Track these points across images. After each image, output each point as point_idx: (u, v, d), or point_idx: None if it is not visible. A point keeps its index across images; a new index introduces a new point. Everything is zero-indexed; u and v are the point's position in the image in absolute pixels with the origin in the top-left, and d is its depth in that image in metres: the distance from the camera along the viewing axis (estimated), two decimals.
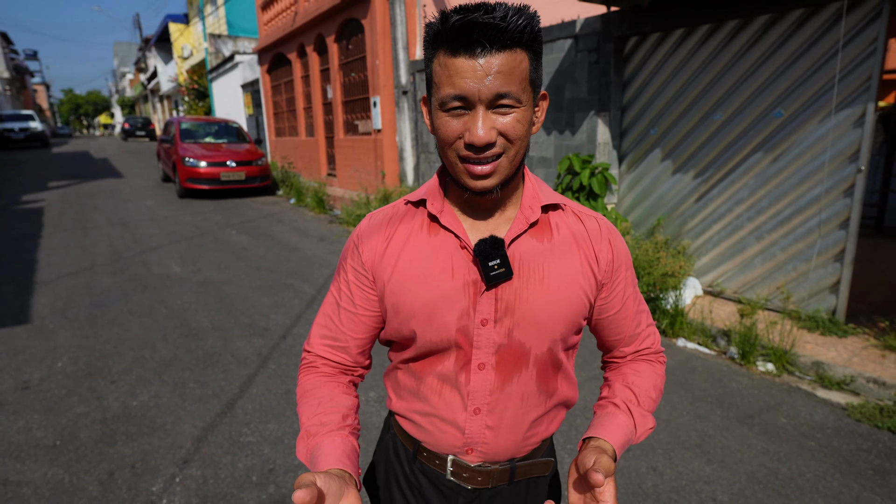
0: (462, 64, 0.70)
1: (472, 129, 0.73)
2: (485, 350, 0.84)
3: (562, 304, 0.84)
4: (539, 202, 0.86)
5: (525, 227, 0.84)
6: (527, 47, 0.73)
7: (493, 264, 0.80)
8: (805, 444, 2.58)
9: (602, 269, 0.87)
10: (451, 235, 0.84)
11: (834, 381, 3.13)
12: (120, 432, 2.66)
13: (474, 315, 0.82)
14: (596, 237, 0.88)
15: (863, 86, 3.44)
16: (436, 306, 0.83)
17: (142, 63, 37.84)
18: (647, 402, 0.91)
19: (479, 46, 0.70)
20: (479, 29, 0.69)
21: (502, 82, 0.71)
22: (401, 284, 0.85)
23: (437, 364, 0.87)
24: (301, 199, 9.80)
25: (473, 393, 0.85)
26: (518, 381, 0.86)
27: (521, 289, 0.82)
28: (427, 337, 0.85)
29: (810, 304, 3.90)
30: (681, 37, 4.41)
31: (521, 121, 0.75)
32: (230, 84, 17.17)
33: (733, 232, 4.32)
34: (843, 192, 3.64)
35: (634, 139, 4.97)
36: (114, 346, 3.67)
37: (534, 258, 0.84)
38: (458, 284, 0.83)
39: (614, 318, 0.92)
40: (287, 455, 2.48)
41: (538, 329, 0.84)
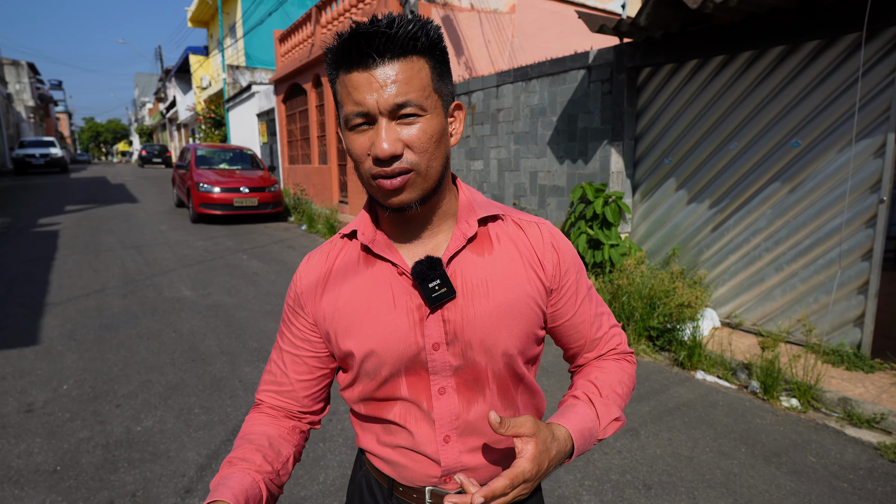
0: (357, 78, 0.70)
1: (377, 142, 0.70)
2: (441, 374, 0.81)
3: (511, 316, 0.80)
4: (475, 215, 0.83)
5: (463, 242, 0.81)
6: (425, 54, 0.72)
7: (434, 285, 0.76)
8: (837, 486, 2.44)
9: (549, 275, 0.84)
10: (388, 264, 0.81)
11: (863, 419, 2.99)
12: (122, 459, 2.58)
13: (423, 341, 0.79)
14: (538, 243, 0.85)
15: (882, 115, 3.41)
16: (383, 340, 0.80)
17: (161, 93, 38.92)
18: (611, 394, 0.86)
19: (369, 58, 0.69)
20: (367, 39, 0.68)
21: (399, 91, 0.69)
22: (344, 323, 0.82)
23: (397, 396, 0.83)
24: (312, 226, 9.85)
25: (440, 420, 0.82)
26: (483, 401, 0.82)
27: (466, 307, 0.79)
28: (381, 372, 0.81)
29: (833, 337, 3.77)
30: (694, 67, 4.43)
31: (428, 130, 0.72)
32: (246, 113, 17.54)
33: (751, 262, 4.24)
34: (865, 223, 3.56)
35: (648, 168, 4.95)
36: (120, 370, 3.62)
37: (476, 273, 0.80)
38: (402, 313, 0.79)
39: (570, 324, 0.88)
40: (293, 485, 2.39)
41: (491, 346, 0.80)
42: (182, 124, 31.74)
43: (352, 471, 1.02)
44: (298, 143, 13.73)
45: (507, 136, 6.60)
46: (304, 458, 2.61)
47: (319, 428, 0.94)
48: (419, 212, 0.79)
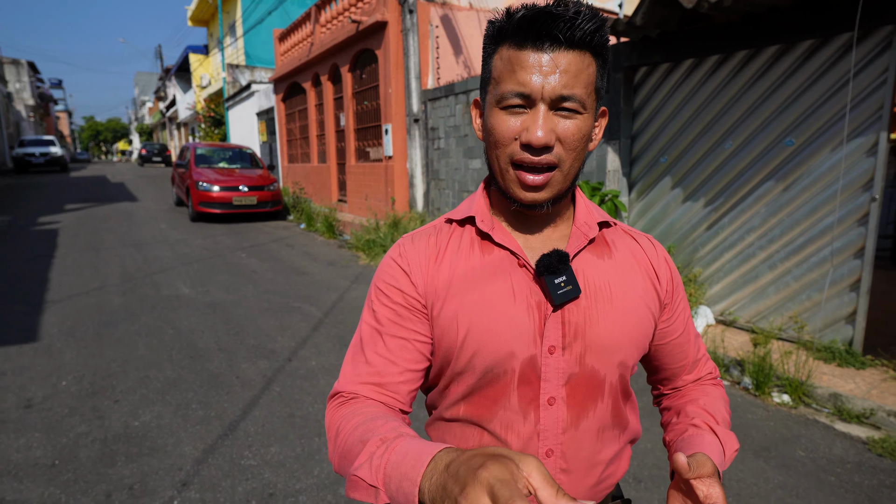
0: (528, 57, 0.66)
1: (531, 127, 0.67)
2: (554, 382, 0.75)
3: (632, 325, 0.77)
4: (594, 218, 0.81)
5: (585, 242, 0.77)
6: (595, 53, 0.69)
7: (560, 281, 0.72)
8: (825, 479, 2.47)
9: (664, 289, 0.82)
10: (507, 253, 0.76)
11: (853, 414, 3.02)
12: (120, 453, 2.62)
13: (542, 342, 0.73)
14: (653, 256, 0.83)
15: (875, 115, 3.44)
16: (499, 333, 0.73)
17: (161, 92, 38.94)
18: (725, 423, 0.82)
19: (548, 40, 0.66)
20: (552, 21, 0.65)
21: (568, 82, 0.67)
22: (456, 310, 0.75)
23: (498, 403, 0.76)
24: (311, 225, 9.88)
25: (545, 432, 0.75)
26: (593, 415, 0.77)
27: (589, 308, 0.75)
28: (488, 370, 0.74)
29: (826, 334, 3.81)
30: (690, 67, 4.45)
31: (582, 129, 0.70)
32: (246, 112, 17.57)
33: (745, 260, 4.27)
34: (857, 221, 3.59)
35: (644, 167, 4.98)
36: (119, 366, 3.65)
37: (598, 276, 0.77)
38: (522, 307, 0.74)
39: (678, 342, 0.85)
40: (288, 479, 2.42)
41: (610, 353, 0.76)
42: (182, 123, 31.76)
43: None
44: (298, 141, 13.76)
45: None
46: (300, 451, 2.64)
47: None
48: (540, 211, 0.76)
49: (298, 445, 2.70)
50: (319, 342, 4.16)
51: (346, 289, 5.73)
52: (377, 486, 0.58)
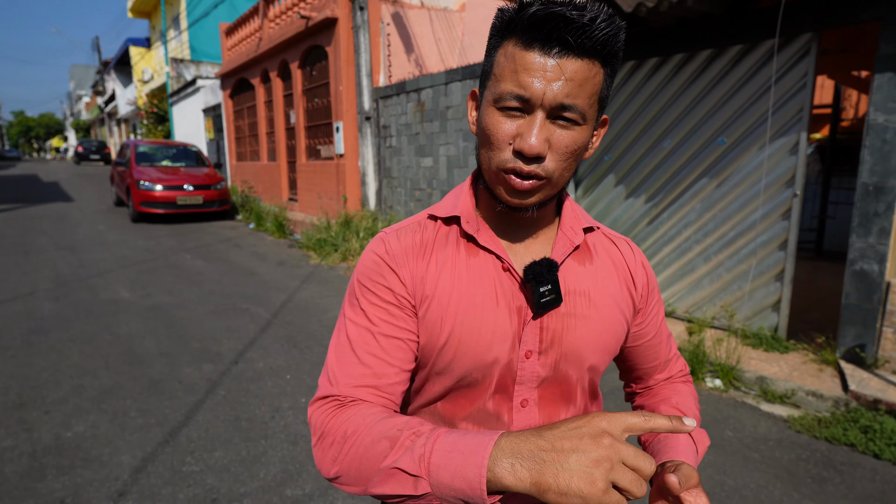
0: (533, 59, 0.63)
1: (525, 135, 0.64)
2: (528, 385, 0.76)
3: (607, 332, 0.78)
4: (580, 223, 0.80)
5: (570, 249, 0.77)
6: (605, 62, 0.66)
7: (545, 290, 0.72)
8: (749, 456, 2.64)
9: (639, 294, 0.83)
10: (492, 256, 0.76)
11: (776, 395, 3.24)
12: (50, 466, 2.49)
13: (519, 346, 0.74)
14: (631, 260, 0.83)
15: (796, 117, 3.68)
16: (481, 335, 0.74)
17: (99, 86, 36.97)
18: (696, 420, 0.85)
19: (557, 44, 0.62)
20: (565, 24, 0.61)
21: (571, 92, 0.63)
22: (441, 310, 0.74)
23: (472, 404, 0.77)
24: (261, 224, 9.65)
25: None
26: (563, 416, 0.79)
27: (567, 316, 0.75)
28: (467, 372, 0.75)
29: (754, 322, 4.05)
30: (631, 69, 4.62)
31: (578, 142, 0.67)
32: (191, 108, 16.94)
33: (683, 254, 4.48)
34: (781, 216, 3.83)
35: (590, 165, 5.13)
36: (50, 375, 3.47)
37: (578, 282, 0.77)
38: (504, 312, 0.74)
39: (650, 344, 0.87)
40: (232, 483, 2.38)
41: (583, 360, 0.77)
42: (122, 119, 30.28)
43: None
44: (246, 139, 13.39)
45: (456, 134, 6.68)
46: (246, 454, 2.59)
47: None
48: (527, 215, 0.75)
49: (244, 449, 2.65)
50: (267, 344, 4.08)
51: (295, 289, 5.64)
52: (420, 476, 0.57)
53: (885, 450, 2.64)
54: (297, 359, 3.80)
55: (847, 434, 2.77)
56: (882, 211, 3.21)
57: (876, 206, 3.24)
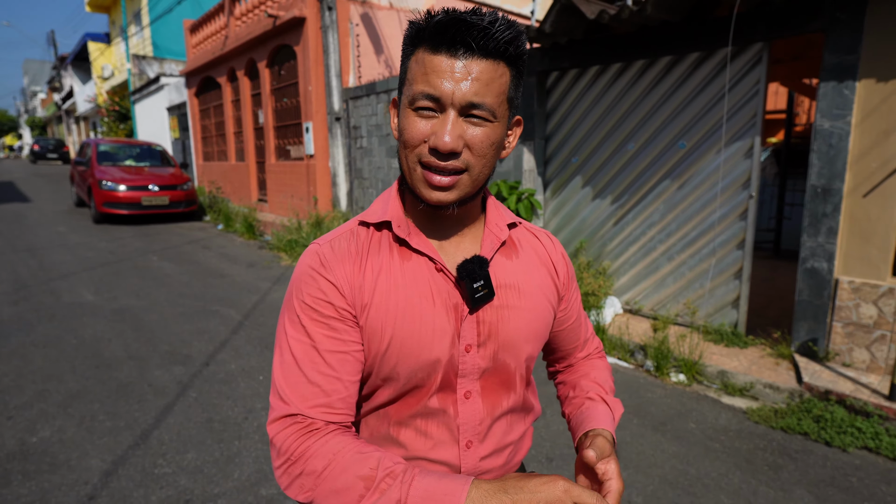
0: (441, 62, 0.68)
1: (440, 132, 0.69)
2: (469, 377, 0.80)
3: (537, 320, 0.84)
4: (504, 220, 0.85)
5: (497, 245, 0.82)
6: (510, 63, 0.71)
7: (478, 286, 0.76)
8: (711, 447, 2.77)
9: (562, 282, 0.90)
10: (425, 259, 0.79)
11: (736, 388, 3.40)
12: (15, 471, 2.44)
13: (459, 341, 0.78)
14: (552, 252, 0.90)
15: (750, 122, 3.86)
16: (422, 336, 0.76)
17: (56, 82, 35.58)
18: (612, 391, 0.95)
19: (462, 47, 0.67)
20: (466, 28, 0.67)
21: (479, 90, 0.68)
22: (381, 317, 0.76)
23: (419, 401, 0.79)
24: (230, 225, 9.50)
25: (464, 425, 0.80)
26: (506, 404, 0.84)
27: (501, 308, 0.80)
28: (411, 373, 0.77)
29: (716, 318, 4.23)
30: (596, 73, 4.76)
31: (491, 137, 0.72)
32: (155, 106, 16.50)
33: (647, 253, 4.64)
34: (738, 216, 4.02)
35: (558, 167, 5.26)
36: (12, 380, 3.37)
37: (507, 276, 0.82)
38: (441, 311, 0.77)
39: (572, 327, 0.95)
40: (206, 484, 2.37)
41: (519, 348, 0.82)
42: (81, 117, 29.24)
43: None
44: (213, 139, 13.14)
45: None
46: (219, 455, 2.59)
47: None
48: (449, 215, 0.79)
49: (217, 450, 2.64)
50: (239, 345, 4.05)
51: (267, 290, 5.59)
52: None
53: (835, 437, 2.81)
54: (270, 360, 3.78)
55: (801, 423, 2.93)
56: (829, 212, 3.41)
57: (824, 208, 3.43)
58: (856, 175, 3.32)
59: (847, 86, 3.26)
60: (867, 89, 3.22)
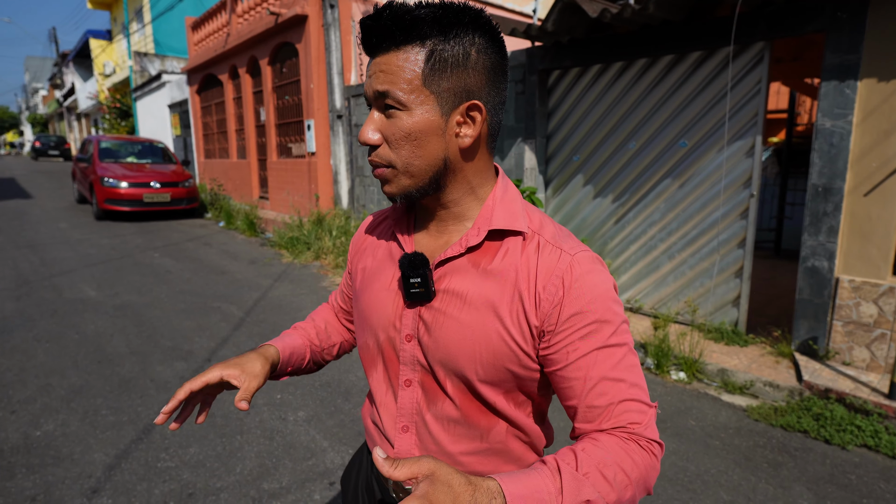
0: (367, 64, 0.76)
1: (363, 127, 0.73)
2: (410, 366, 0.80)
3: (475, 341, 0.73)
4: (489, 225, 0.76)
5: (461, 250, 0.76)
6: (428, 42, 0.67)
7: (414, 282, 0.75)
8: (710, 444, 2.79)
9: (542, 313, 0.72)
10: (396, 242, 0.85)
11: (736, 386, 3.41)
12: (19, 465, 2.45)
13: (400, 327, 0.80)
14: (545, 274, 0.72)
15: (751, 121, 3.87)
16: (371, 309, 0.84)
17: (57, 79, 35.59)
18: (593, 473, 0.64)
19: (366, 49, 0.71)
20: (365, 32, 0.70)
21: (382, 80, 0.69)
22: (359, 280, 0.90)
23: (375, 373, 0.87)
24: (231, 222, 9.51)
25: (402, 409, 0.82)
26: (442, 406, 0.79)
27: (439, 312, 0.76)
28: (361, 339, 0.88)
29: (716, 316, 4.24)
30: (598, 72, 4.77)
31: (404, 127, 0.69)
32: (157, 104, 16.51)
33: (648, 252, 4.65)
34: (739, 215, 4.03)
35: (559, 165, 5.27)
36: (15, 375, 3.39)
37: (461, 284, 0.75)
38: (391, 294, 0.81)
39: (560, 377, 0.73)
40: (209, 478, 2.38)
41: (452, 360, 0.76)
42: (83, 114, 29.25)
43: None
44: (215, 136, 13.14)
45: None
46: (221, 450, 2.60)
47: (331, 360, 0.98)
48: (427, 206, 0.80)
49: (219, 444, 2.66)
50: (241, 341, 4.06)
51: (268, 287, 5.61)
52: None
53: (834, 435, 2.82)
54: None
55: (801, 421, 2.94)
56: (830, 211, 3.42)
57: (825, 206, 3.44)
58: (857, 174, 3.33)
59: (848, 85, 3.26)
60: (868, 89, 3.23)
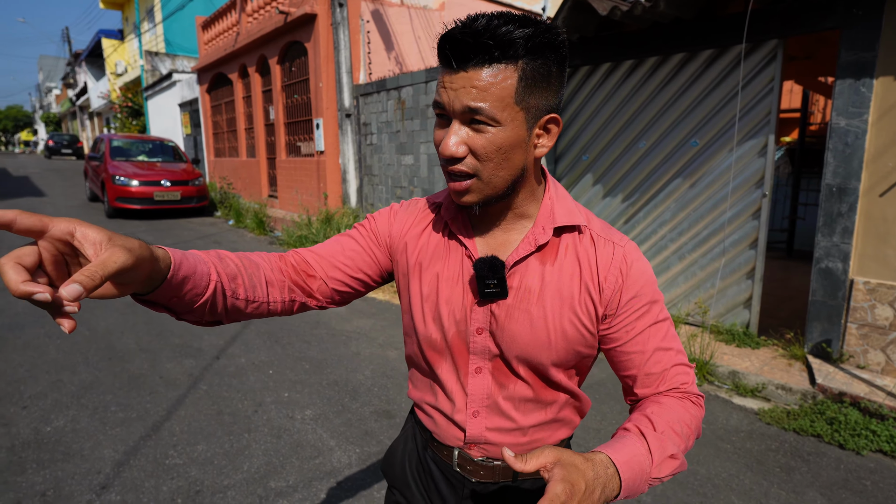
0: (445, 75, 0.72)
1: (445, 139, 0.73)
2: (480, 356, 0.86)
3: (550, 331, 0.82)
4: (553, 223, 0.83)
5: (532, 249, 0.82)
6: (520, 61, 0.69)
7: (490, 283, 0.80)
8: (721, 447, 2.75)
9: (605, 298, 0.82)
10: (460, 244, 0.87)
11: (748, 389, 3.37)
12: (30, 460, 2.47)
13: (470, 322, 0.84)
14: (604, 264, 0.82)
15: (764, 120, 3.82)
16: (437, 303, 0.86)
17: (70, 78, 35.98)
18: (668, 430, 0.77)
19: (458, 59, 0.69)
20: (451, 44, 0.69)
21: (474, 97, 0.70)
22: (415, 267, 0.89)
23: (439, 362, 0.89)
24: (240, 221, 9.55)
25: (472, 396, 0.87)
26: (513, 389, 0.87)
27: (513, 308, 0.82)
28: (428, 335, 0.88)
29: (727, 318, 4.19)
30: (607, 70, 4.73)
31: (496, 142, 0.72)
32: (167, 102, 16.63)
33: (658, 252, 4.61)
34: (751, 215, 3.98)
35: (569, 164, 5.23)
36: (27, 371, 3.42)
37: (533, 280, 0.82)
38: (460, 290, 0.85)
39: (621, 351, 0.84)
40: (216, 476, 2.39)
41: (524, 350, 0.83)
42: (95, 113, 29.54)
43: (408, 414, 1.09)
44: (225, 135, 13.22)
45: None
46: (229, 447, 2.61)
47: (316, 309, 0.91)
48: (493, 209, 0.83)
49: (227, 442, 2.66)
50: (249, 339, 4.08)
51: None
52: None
53: (848, 440, 2.77)
54: (280, 354, 3.80)
55: (814, 425, 2.90)
56: (845, 211, 3.37)
57: (839, 207, 3.39)
58: (872, 174, 3.27)
59: (864, 83, 3.21)
60: (884, 87, 3.17)
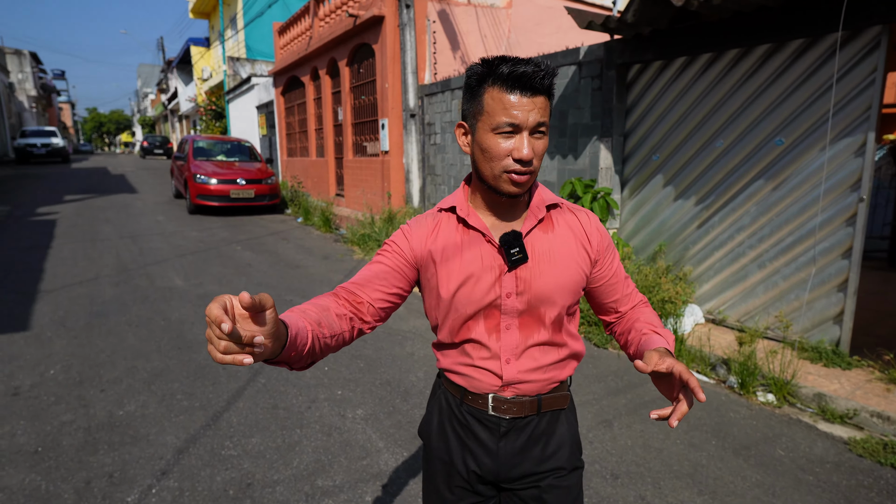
0: (517, 99, 0.98)
1: (520, 147, 1.00)
2: (509, 315, 1.11)
3: (566, 277, 1.11)
4: (544, 203, 1.13)
5: (535, 223, 1.12)
6: (549, 94, 1.03)
7: (514, 251, 1.06)
8: (802, 479, 2.48)
9: (594, 249, 1.16)
10: (478, 233, 1.11)
11: (836, 415, 3.03)
12: (102, 441, 2.64)
13: (501, 289, 1.09)
14: (587, 225, 1.17)
15: (862, 115, 3.43)
16: (469, 283, 1.09)
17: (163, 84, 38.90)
18: (660, 328, 1.17)
19: (529, 90, 0.99)
20: (530, 77, 0.98)
21: (541, 115, 1.00)
22: (446, 272, 1.11)
23: (474, 327, 1.12)
24: (308, 219, 9.89)
25: (504, 347, 1.12)
26: (536, 337, 1.12)
27: (534, 268, 1.09)
28: (465, 311, 1.11)
29: (813, 334, 3.81)
30: (682, 65, 4.44)
31: (546, 146, 1.05)
32: (246, 105, 17.55)
33: (735, 259, 4.27)
34: (845, 222, 3.59)
35: (637, 165, 4.97)
36: (108, 356, 3.67)
37: (542, 246, 1.11)
38: (486, 267, 1.09)
39: (609, 283, 1.20)
40: (267, 470, 2.44)
41: (548, 298, 1.10)
42: (183, 115, 31.76)
43: (431, 391, 1.31)
44: (297, 135, 13.75)
45: None
46: (281, 442, 2.66)
47: (368, 332, 1.10)
48: (509, 201, 1.10)
49: (279, 437, 2.72)
50: None
51: (339, 283, 5.74)
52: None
53: None
54: (336, 352, 3.86)
55: None
56: None
57: None
58: None
59: None
60: None
